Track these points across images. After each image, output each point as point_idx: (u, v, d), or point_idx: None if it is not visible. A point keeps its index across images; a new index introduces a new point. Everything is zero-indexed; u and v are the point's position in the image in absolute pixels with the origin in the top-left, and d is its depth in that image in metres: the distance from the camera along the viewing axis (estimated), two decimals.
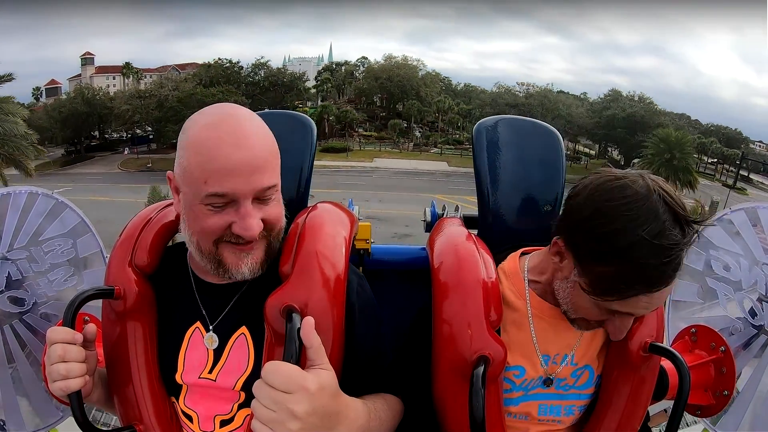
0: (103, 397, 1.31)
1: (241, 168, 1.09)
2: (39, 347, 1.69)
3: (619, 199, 1.09)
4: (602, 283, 1.12)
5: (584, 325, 1.28)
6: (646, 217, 1.06)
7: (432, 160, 58.59)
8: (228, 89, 57.43)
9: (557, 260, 1.25)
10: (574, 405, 1.39)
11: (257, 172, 1.11)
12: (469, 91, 70.93)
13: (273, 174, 1.16)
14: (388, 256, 2.03)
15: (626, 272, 1.07)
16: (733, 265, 1.78)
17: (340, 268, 1.25)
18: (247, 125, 1.14)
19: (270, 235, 1.21)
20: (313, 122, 1.76)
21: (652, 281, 1.08)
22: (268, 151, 1.15)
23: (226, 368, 1.26)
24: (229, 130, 1.11)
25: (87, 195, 31.73)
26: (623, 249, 1.06)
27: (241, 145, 1.10)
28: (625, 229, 1.06)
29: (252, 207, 1.13)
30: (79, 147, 57.98)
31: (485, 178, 1.69)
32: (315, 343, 1.00)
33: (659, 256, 1.04)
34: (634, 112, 59.05)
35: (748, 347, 1.70)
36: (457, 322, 1.28)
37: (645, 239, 1.04)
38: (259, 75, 64.40)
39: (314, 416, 0.94)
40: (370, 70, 67.71)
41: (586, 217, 1.13)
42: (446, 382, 1.31)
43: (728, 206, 1.93)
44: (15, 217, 1.70)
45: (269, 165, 1.14)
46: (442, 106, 65.06)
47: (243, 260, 1.19)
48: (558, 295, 1.28)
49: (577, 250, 1.17)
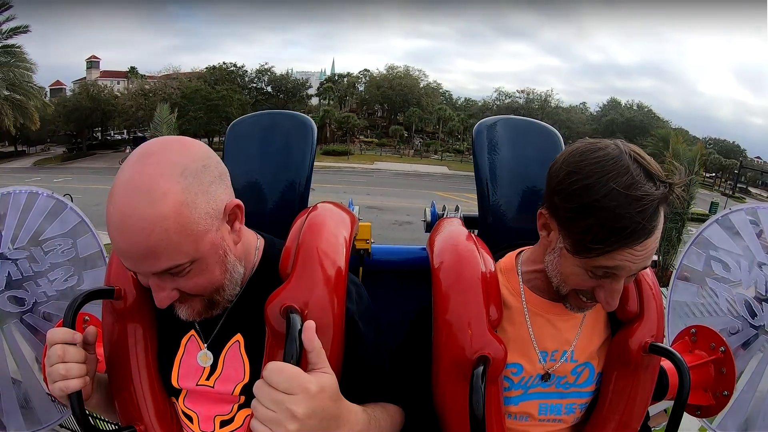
0: (102, 402, 1.31)
1: (127, 255, 1.04)
2: (39, 347, 1.69)
3: (592, 158, 1.14)
4: (583, 240, 1.14)
5: (576, 303, 1.28)
6: (617, 171, 1.10)
7: (432, 164, 58.83)
8: (233, 88, 57.65)
9: (545, 234, 1.27)
10: (575, 403, 1.39)
11: (145, 259, 1.04)
12: (470, 105, 71.27)
13: (173, 255, 1.04)
14: (388, 256, 2.03)
15: (602, 224, 1.10)
16: (733, 265, 1.78)
17: (341, 268, 1.25)
18: (142, 203, 1.01)
19: (200, 295, 1.16)
20: (313, 122, 1.77)
21: (628, 233, 1.10)
22: (157, 234, 1.01)
23: (223, 377, 1.26)
24: (121, 208, 1.01)
25: (87, 184, 31.93)
26: (597, 201, 1.10)
27: (123, 232, 1.02)
28: (597, 183, 1.10)
29: (159, 281, 1.09)
30: (80, 143, 58.17)
31: (485, 177, 1.69)
32: (316, 347, 1.00)
33: (631, 206, 1.08)
34: (633, 116, 59.23)
35: (748, 347, 1.70)
36: (458, 322, 1.28)
37: (616, 190, 1.08)
38: (263, 80, 64.67)
39: (314, 418, 0.93)
40: (372, 80, 68.05)
41: (562, 179, 1.17)
42: (446, 382, 1.30)
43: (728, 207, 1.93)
44: (15, 217, 1.70)
45: (162, 248, 1.02)
46: (443, 115, 65.31)
47: (178, 309, 1.18)
48: (548, 271, 1.28)
49: (557, 213, 1.20)
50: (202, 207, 1.07)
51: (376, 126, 69.80)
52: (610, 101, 66.39)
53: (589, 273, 1.19)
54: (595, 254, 1.14)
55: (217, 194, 1.11)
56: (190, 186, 1.05)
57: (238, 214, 1.17)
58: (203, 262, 1.10)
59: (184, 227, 1.04)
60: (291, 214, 1.45)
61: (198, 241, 1.07)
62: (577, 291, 1.25)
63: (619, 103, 65.46)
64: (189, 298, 1.15)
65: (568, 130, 60.85)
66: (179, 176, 1.04)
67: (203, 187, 1.08)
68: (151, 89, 55.55)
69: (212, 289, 1.16)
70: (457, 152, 63.64)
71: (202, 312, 1.19)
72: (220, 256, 1.14)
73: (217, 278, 1.15)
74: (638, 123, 57.03)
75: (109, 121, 59.01)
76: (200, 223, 1.07)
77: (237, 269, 1.21)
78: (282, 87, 65.20)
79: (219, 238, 1.12)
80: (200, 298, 1.16)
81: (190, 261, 1.07)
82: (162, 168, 1.04)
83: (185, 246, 1.05)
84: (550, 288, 1.33)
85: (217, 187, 1.12)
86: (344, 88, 69.58)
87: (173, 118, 22.82)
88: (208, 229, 1.09)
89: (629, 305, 1.36)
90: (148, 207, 1.00)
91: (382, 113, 71.17)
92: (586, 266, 1.18)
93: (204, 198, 1.08)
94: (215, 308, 1.21)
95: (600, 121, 63.16)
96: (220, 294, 1.19)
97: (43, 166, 51.07)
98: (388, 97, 66.41)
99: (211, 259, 1.12)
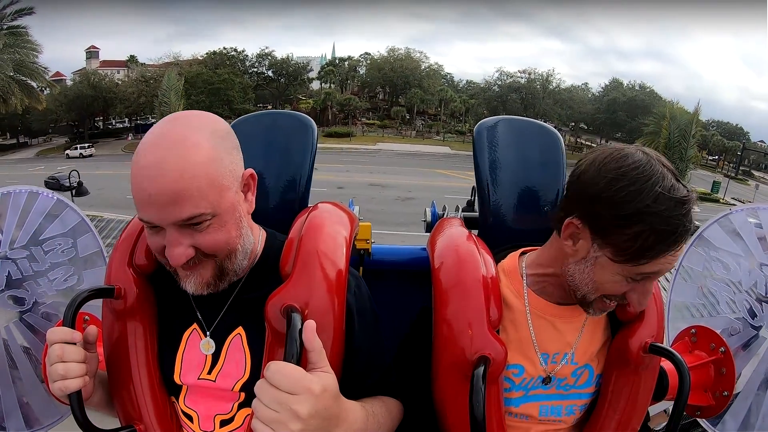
0: (103, 400, 1.31)
1: (153, 200, 1.06)
2: (39, 347, 1.69)
3: (629, 165, 1.14)
4: (631, 247, 1.14)
5: (601, 306, 1.27)
6: (657, 176, 1.12)
7: (434, 144, 58.80)
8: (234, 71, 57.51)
9: (570, 243, 1.25)
10: (575, 405, 1.40)
11: (172, 204, 1.06)
12: (471, 87, 71.08)
13: (198, 203, 1.08)
14: (389, 257, 2.03)
15: (652, 229, 1.11)
16: (733, 265, 1.78)
17: (341, 267, 1.25)
18: (174, 151, 1.07)
19: (216, 257, 1.17)
20: (313, 122, 1.76)
21: (677, 234, 1.11)
22: (187, 180, 1.06)
23: (224, 371, 1.26)
24: (151, 159, 1.06)
25: (90, 170, 31.99)
26: (648, 206, 1.10)
27: (154, 177, 1.05)
28: (644, 189, 1.11)
29: (178, 234, 1.10)
30: (82, 132, 58.20)
31: (486, 178, 1.69)
32: (317, 346, 1.00)
33: (678, 207, 1.10)
34: (635, 96, 59.02)
35: (747, 348, 1.70)
36: (458, 322, 1.28)
37: (663, 194, 1.10)
38: (263, 65, 64.47)
39: (316, 418, 0.94)
40: (373, 62, 67.85)
41: (603, 187, 1.16)
42: (447, 383, 1.30)
43: (728, 193, 1.93)
44: (15, 217, 1.70)
45: (189, 194, 1.06)
46: (445, 96, 65.16)
47: (186, 279, 1.18)
48: (573, 280, 1.27)
49: (597, 222, 1.18)
50: (227, 165, 1.14)
51: (378, 108, 69.84)
52: (612, 81, 66.17)
53: (628, 279, 1.19)
54: (644, 261, 1.14)
55: (237, 159, 1.19)
56: (217, 144, 1.13)
57: (251, 184, 1.23)
58: (222, 219, 1.13)
59: (212, 178, 1.09)
60: (291, 213, 1.45)
61: (221, 194, 1.12)
62: (606, 296, 1.25)
63: (621, 84, 65.24)
64: (201, 263, 1.16)
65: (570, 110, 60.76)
66: (209, 134, 1.12)
67: (228, 149, 1.15)
68: (152, 76, 55.47)
69: (227, 251, 1.18)
70: (459, 133, 63.61)
71: (210, 282, 1.19)
72: (237, 218, 1.18)
73: (233, 239, 1.18)
74: (640, 102, 56.77)
75: (110, 108, 59.14)
76: (225, 178, 1.13)
77: (249, 238, 1.25)
78: (283, 71, 65.05)
79: (237, 200, 1.17)
80: (212, 263, 1.18)
81: (211, 214, 1.10)
82: (192, 126, 1.12)
83: (210, 196, 1.09)
84: (559, 293, 1.34)
85: (237, 154, 1.19)
86: (345, 72, 69.45)
87: (180, 84, 22.84)
88: (230, 187, 1.14)
89: (629, 306, 1.36)
90: (179, 155, 1.06)
91: (383, 96, 71.18)
92: (629, 273, 1.18)
93: (228, 158, 1.15)
94: (223, 279, 1.21)
95: (602, 101, 62.92)
96: (231, 260, 1.20)
97: (46, 156, 51.29)
98: (390, 79, 66.29)
99: (230, 217, 1.15)
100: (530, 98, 62.83)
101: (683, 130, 18.47)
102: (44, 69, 31.22)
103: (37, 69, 30.25)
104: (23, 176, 34.93)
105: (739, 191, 48.59)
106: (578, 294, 1.28)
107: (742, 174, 58.36)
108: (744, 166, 60.69)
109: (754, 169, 61.76)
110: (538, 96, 61.97)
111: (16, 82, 28.72)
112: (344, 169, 30.15)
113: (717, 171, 57.83)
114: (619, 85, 64.87)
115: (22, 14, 30.98)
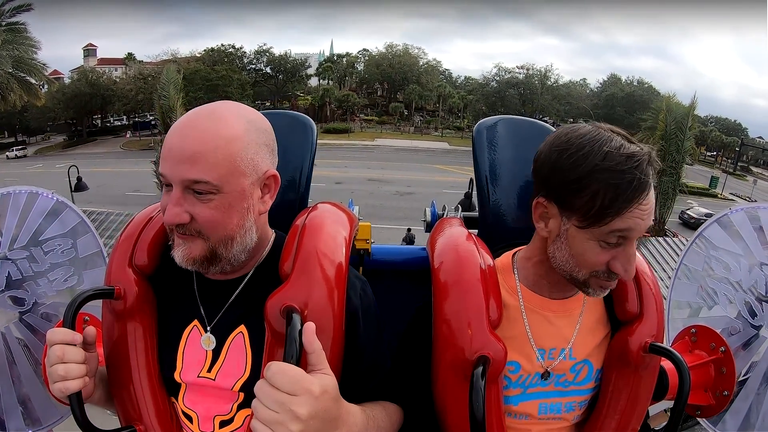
0: (104, 397, 1.31)
1: (173, 153, 1.11)
2: (39, 347, 1.69)
3: (576, 134, 1.21)
4: (592, 208, 1.16)
5: (597, 283, 1.26)
6: (604, 138, 1.17)
7: (433, 140, 58.83)
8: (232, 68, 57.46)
9: (543, 225, 1.28)
10: (575, 401, 1.39)
11: (185, 162, 1.10)
12: (470, 83, 71.08)
13: (207, 170, 1.10)
14: (388, 257, 2.03)
15: (609, 184, 1.14)
16: (733, 265, 1.77)
17: (340, 268, 1.25)
18: (207, 121, 1.13)
19: (206, 237, 1.17)
20: (313, 122, 1.76)
21: (633, 186, 1.13)
22: (209, 145, 1.10)
23: (225, 369, 1.26)
24: (186, 120, 1.14)
25: (90, 168, 32.16)
26: (596, 164, 1.15)
27: (181, 135, 1.12)
28: (592, 151, 1.16)
29: (181, 195, 1.12)
30: (80, 130, 58.18)
31: (485, 177, 1.69)
32: (316, 348, 1.00)
33: (629, 161, 1.14)
34: (633, 91, 59.02)
35: (747, 347, 1.70)
36: (457, 322, 1.28)
37: (611, 152, 1.15)
38: (261, 61, 64.40)
39: (316, 419, 0.94)
40: (371, 59, 67.82)
41: (555, 159, 1.22)
42: (446, 382, 1.30)
43: (726, 189, 1.93)
44: (15, 217, 1.70)
45: (203, 159, 1.10)
46: (443, 92, 65.15)
47: (177, 247, 1.19)
48: (556, 261, 1.28)
49: (557, 193, 1.22)
50: (250, 154, 1.16)
51: (376, 104, 69.90)
52: (611, 77, 66.27)
53: (602, 244, 1.19)
54: (609, 219, 1.15)
55: (264, 157, 1.21)
56: (250, 132, 1.17)
57: (272, 186, 1.24)
58: (226, 200, 1.14)
59: (230, 155, 1.13)
60: (291, 214, 1.45)
61: (233, 175, 1.14)
62: (595, 273, 1.24)
63: (619, 79, 65.35)
64: (194, 235, 1.16)
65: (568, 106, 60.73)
66: (246, 122, 1.17)
67: (258, 142, 1.19)
68: (150, 73, 55.34)
69: (222, 235, 1.18)
70: (458, 129, 63.65)
71: (197, 260, 1.19)
72: (243, 209, 1.18)
73: (231, 226, 1.18)
74: (638, 98, 56.80)
75: (108, 106, 59.09)
76: (244, 163, 1.15)
77: (252, 234, 1.23)
78: (281, 67, 65.10)
79: (249, 193, 1.18)
80: (204, 243, 1.17)
81: (216, 188, 1.12)
82: (233, 110, 1.18)
83: (222, 168, 1.12)
84: (551, 285, 1.35)
85: (266, 153, 1.22)
86: (343, 68, 69.54)
87: (179, 79, 22.89)
88: (246, 174, 1.16)
89: (629, 305, 1.36)
90: (211, 124, 1.13)
91: (381, 92, 71.28)
92: (599, 236, 1.18)
93: (254, 150, 1.17)
94: (215, 264, 1.21)
95: (600, 96, 62.99)
96: (225, 248, 1.19)
97: (45, 154, 51.32)
98: (388, 75, 66.34)
99: (235, 202, 1.16)
100: (528, 94, 63.02)
101: (679, 122, 18.47)
102: (43, 65, 31.35)
103: (35, 65, 30.40)
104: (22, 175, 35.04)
105: (737, 187, 48.69)
106: (566, 275, 1.28)
107: (740, 170, 58.48)
108: (742, 162, 60.81)
109: (752, 165, 61.86)
110: (536, 92, 62.09)
111: (15, 78, 28.81)
112: (343, 165, 30.23)
113: (715, 167, 57.92)
114: (618, 80, 65.01)
115: (20, 11, 31.12)
